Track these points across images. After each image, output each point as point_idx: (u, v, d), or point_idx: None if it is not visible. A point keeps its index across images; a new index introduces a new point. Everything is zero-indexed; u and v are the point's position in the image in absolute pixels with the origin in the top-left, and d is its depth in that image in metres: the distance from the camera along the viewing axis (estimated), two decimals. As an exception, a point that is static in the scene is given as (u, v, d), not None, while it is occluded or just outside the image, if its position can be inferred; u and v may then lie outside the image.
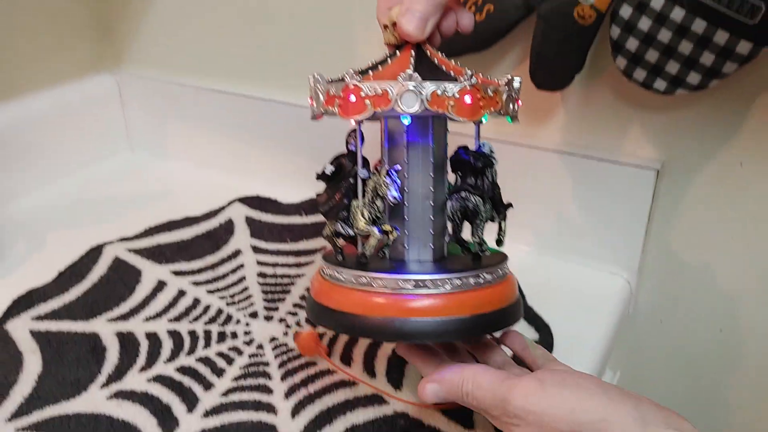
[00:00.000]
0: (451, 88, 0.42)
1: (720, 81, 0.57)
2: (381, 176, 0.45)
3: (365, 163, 0.48)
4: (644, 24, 0.57)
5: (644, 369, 0.77)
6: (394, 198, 0.45)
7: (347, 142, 0.50)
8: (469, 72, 0.43)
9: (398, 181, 0.45)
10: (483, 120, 0.46)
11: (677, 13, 0.56)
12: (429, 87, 0.42)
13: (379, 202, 0.46)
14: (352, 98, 0.43)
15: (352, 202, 0.47)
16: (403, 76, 0.42)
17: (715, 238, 0.67)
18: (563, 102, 0.68)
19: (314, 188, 0.84)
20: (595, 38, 0.61)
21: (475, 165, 0.48)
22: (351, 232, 0.48)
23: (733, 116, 0.62)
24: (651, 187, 0.66)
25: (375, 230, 0.45)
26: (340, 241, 0.50)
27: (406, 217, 0.48)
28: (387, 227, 0.46)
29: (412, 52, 0.46)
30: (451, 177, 0.51)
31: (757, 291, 0.67)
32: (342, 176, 0.48)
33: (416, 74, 0.42)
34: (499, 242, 0.52)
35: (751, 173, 0.63)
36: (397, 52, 0.47)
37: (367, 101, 0.42)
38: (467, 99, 0.42)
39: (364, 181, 0.47)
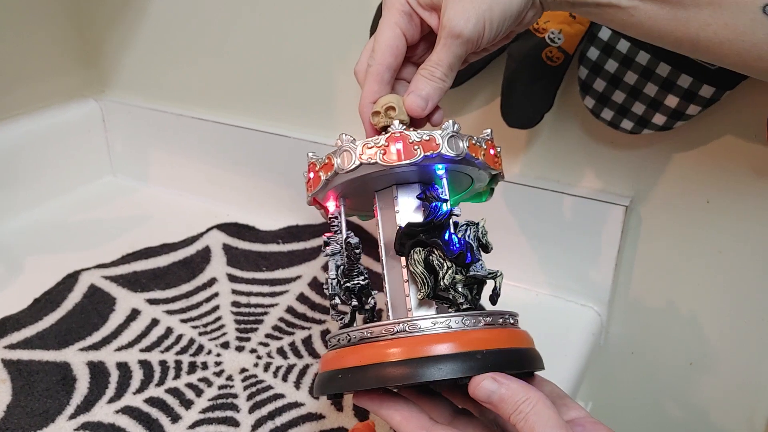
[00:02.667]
0: (481, 138, 0.46)
1: (685, 122, 0.59)
2: (481, 226, 0.46)
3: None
4: (611, 66, 0.59)
5: (616, 400, 0.78)
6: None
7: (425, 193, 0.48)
8: (489, 130, 0.48)
9: None
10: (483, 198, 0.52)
11: (642, 57, 0.57)
12: (466, 136, 0.45)
13: (479, 252, 0.46)
14: (399, 145, 0.43)
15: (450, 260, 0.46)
16: (445, 125, 0.45)
17: (685, 273, 0.68)
18: (535, 138, 0.69)
19: (292, 216, 0.85)
20: (564, 78, 0.62)
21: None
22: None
23: (700, 155, 0.63)
24: (620, 222, 0.67)
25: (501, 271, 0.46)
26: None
27: None
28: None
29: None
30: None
31: (725, 325, 0.68)
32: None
33: (458, 124, 0.45)
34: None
35: (717, 210, 0.64)
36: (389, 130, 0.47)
37: (416, 147, 0.43)
38: (491, 151, 0.47)
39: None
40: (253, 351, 0.64)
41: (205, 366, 0.62)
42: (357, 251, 0.46)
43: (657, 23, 0.43)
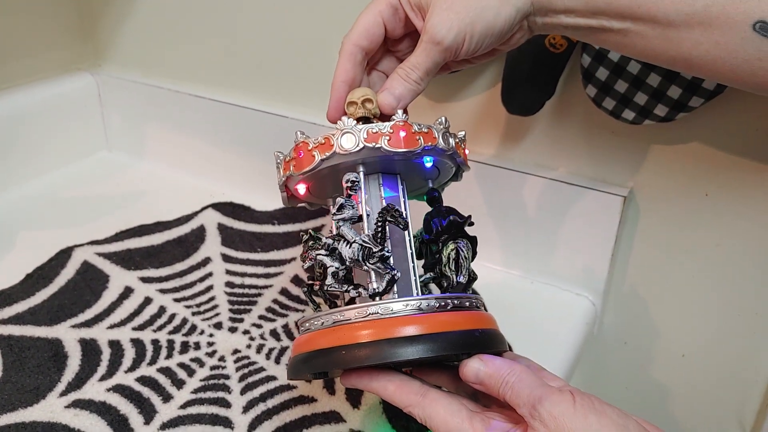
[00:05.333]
0: (461, 139, 0.49)
1: (687, 114, 0.58)
2: None
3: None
4: (614, 54, 0.58)
5: (608, 390, 0.78)
6: None
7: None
8: (463, 133, 0.50)
9: None
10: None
11: (646, 46, 0.56)
12: (452, 134, 0.48)
13: None
14: (402, 133, 0.45)
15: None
16: (439, 120, 0.47)
17: (681, 265, 0.68)
18: (535, 125, 0.69)
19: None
20: (567, 66, 0.62)
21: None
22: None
23: (700, 148, 0.62)
24: (618, 213, 0.66)
25: None
26: None
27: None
28: None
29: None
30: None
31: (719, 318, 0.68)
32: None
33: (449, 121, 0.48)
34: None
35: (715, 203, 0.64)
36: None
37: (419, 137, 0.45)
38: (467, 151, 0.50)
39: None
40: (246, 332, 0.64)
41: (197, 346, 0.62)
42: (406, 220, 0.46)
43: (650, 43, 0.44)
